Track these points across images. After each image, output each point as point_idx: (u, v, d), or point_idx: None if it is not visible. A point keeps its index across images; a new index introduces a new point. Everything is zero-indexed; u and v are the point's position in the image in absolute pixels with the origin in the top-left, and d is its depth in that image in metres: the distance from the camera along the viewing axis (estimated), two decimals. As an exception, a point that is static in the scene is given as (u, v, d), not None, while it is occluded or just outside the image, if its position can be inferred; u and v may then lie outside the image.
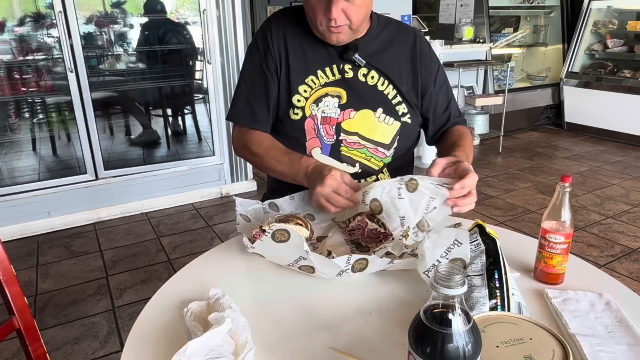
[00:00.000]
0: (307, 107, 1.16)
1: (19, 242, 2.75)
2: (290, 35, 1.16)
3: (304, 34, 1.15)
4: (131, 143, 3.59)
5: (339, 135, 1.17)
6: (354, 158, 1.18)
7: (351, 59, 1.14)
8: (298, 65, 1.15)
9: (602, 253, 2.51)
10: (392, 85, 1.17)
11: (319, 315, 0.78)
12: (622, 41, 4.75)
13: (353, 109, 1.16)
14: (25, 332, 0.96)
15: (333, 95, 1.16)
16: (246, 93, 1.19)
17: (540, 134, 5.03)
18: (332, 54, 1.15)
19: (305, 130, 1.16)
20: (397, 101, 1.18)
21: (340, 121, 1.16)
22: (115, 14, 3.15)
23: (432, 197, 0.96)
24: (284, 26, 1.17)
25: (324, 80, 1.16)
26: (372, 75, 1.16)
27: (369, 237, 0.96)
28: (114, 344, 1.87)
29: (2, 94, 2.89)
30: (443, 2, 4.61)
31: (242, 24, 3.19)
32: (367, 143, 1.18)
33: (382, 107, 1.17)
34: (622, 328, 0.71)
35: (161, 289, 0.86)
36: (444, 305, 0.51)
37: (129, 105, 3.58)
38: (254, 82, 1.18)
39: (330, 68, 1.15)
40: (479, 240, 0.82)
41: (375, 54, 1.16)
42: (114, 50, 3.27)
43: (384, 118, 1.17)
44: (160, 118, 3.79)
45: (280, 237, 0.81)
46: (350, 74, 1.15)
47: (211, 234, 2.82)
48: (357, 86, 1.16)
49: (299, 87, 1.15)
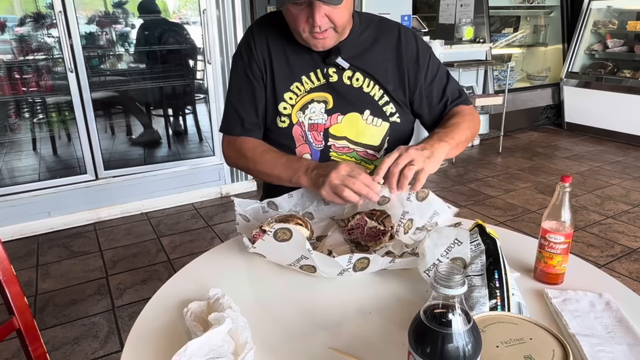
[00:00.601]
0: (294, 115, 1.15)
1: (19, 242, 2.75)
2: (273, 42, 1.15)
3: (286, 40, 1.13)
4: (131, 143, 3.59)
5: (327, 141, 1.16)
6: None
7: (334, 63, 1.12)
8: (282, 73, 1.14)
9: (602, 253, 2.51)
10: (379, 86, 1.15)
11: (319, 315, 0.78)
12: (622, 41, 4.75)
13: (340, 113, 1.15)
14: (25, 332, 0.96)
15: (319, 101, 1.15)
16: (233, 102, 1.18)
17: (540, 134, 5.03)
18: (316, 59, 1.13)
19: (293, 137, 1.16)
20: (384, 101, 1.16)
21: (327, 127, 1.15)
22: (115, 14, 3.15)
23: (437, 212, 0.97)
24: (267, 33, 1.15)
25: (309, 86, 1.14)
26: (357, 77, 1.14)
27: (369, 236, 0.96)
28: (114, 344, 1.87)
29: (2, 94, 2.89)
30: (443, 2, 4.61)
31: (242, 24, 3.19)
32: (355, 147, 1.17)
33: (369, 108, 1.15)
34: (622, 328, 0.71)
35: (161, 289, 0.86)
36: (444, 305, 0.51)
37: (128, 105, 3.58)
38: (240, 90, 1.17)
39: (315, 73, 1.14)
40: (479, 240, 0.82)
41: (359, 54, 1.14)
42: (114, 50, 3.27)
43: (372, 120, 1.16)
44: (160, 118, 3.79)
45: (282, 236, 0.81)
46: (335, 77, 1.14)
47: (211, 234, 2.82)
48: (343, 89, 1.14)
49: (284, 94, 1.14)
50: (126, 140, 3.59)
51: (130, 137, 3.61)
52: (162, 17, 3.31)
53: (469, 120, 1.16)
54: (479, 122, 1.22)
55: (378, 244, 0.95)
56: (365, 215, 0.98)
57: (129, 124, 3.63)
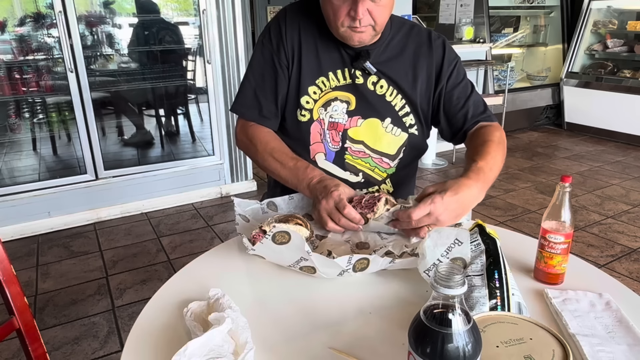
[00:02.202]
0: (315, 110, 1.13)
1: (19, 242, 2.75)
2: (305, 32, 1.11)
3: (318, 33, 1.11)
4: (132, 143, 3.59)
5: (344, 143, 1.14)
6: (357, 167, 1.16)
7: (362, 67, 1.10)
8: (310, 65, 1.11)
9: (602, 253, 2.51)
10: (402, 95, 1.13)
11: (319, 315, 0.78)
12: (622, 41, 4.75)
13: (361, 117, 1.13)
14: (25, 332, 0.96)
15: (342, 100, 1.13)
16: (254, 85, 1.14)
17: (540, 134, 5.03)
18: (345, 58, 1.11)
19: (310, 133, 1.14)
20: (404, 112, 1.14)
21: (347, 128, 1.13)
22: (115, 14, 3.15)
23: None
24: (300, 20, 1.11)
25: (335, 83, 1.12)
26: (381, 85, 1.13)
27: (366, 207, 0.95)
28: (114, 344, 1.87)
29: (2, 94, 2.89)
30: (443, 2, 4.61)
31: (242, 24, 3.19)
32: (372, 153, 1.16)
33: (390, 117, 1.14)
34: (622, 328, 0.71)
35: (161, 289, 0.86)
36: (444, 305, 0.51)
37: (128, 105, 3.58)
38: (263, 75, 1.13)
39: (342, 71, 1.12)
40: (479, 240, 0.82)
41: (387, 61, 1.12)
42: (114, 50, 3.27)
43: (392, 129, 1.14)
44: (159, 118, 3.79)
45: (280, 239, 0.81)
46: (361, 80, 1.12)
47: (211, 234, 2.82)
48: (366, 93, 1.13)
49: (308, 88, 1.12)
50: (126, 140, 3.59)
51: (130, 137, 3.61)
52: (166, 17, 3.31)
53: (501, 145, 1.06)
54: (505, 142, 1.10)
55: (374, 212, 0.94)
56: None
57: (128, 124, 3.63)
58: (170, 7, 3.31)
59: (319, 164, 1.16)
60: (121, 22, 3.20)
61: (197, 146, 3.75)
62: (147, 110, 3.75)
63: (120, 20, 3.19)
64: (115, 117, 3.52)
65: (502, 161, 1.05)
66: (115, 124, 3.54)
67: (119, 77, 3.29)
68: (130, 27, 3.25)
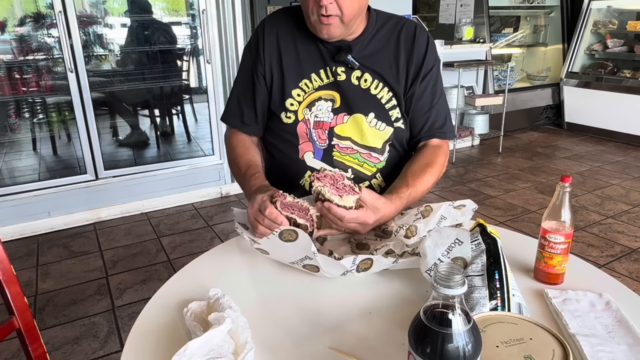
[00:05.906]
0: (300, 111, 1.15)
1: (19, 242, 2.75)
2: (284, 37, 1.15)
3: (298, 32, 1.14)
4: (131, 143, 3.59)
5: (331, 140, 1.15)
6: (346, 163, 1.17)
7: (343, 61, 1.11)
8: (291, 69, 1.14)
9: (602, 253, 2.51)
10: (388, 88, 1.14)
11: (319, 315, 0.78)
12: (622, 41, 4.75)
13: (346, 113, 1.14)
14: (25, 332, 0.96)
15: (326, 99, 1.14)
16: (237, 94, 1.21)
17: (540, 134, 5.03)
18: (326, 56, 1.13)
19: (297, 134, 1.16)
20: (390, 105, 1.15)
21: (333, 125, 1.15)
22: (115, 14, 3.15)
23: (444, 217, 0.95)
24: (278, 27, 1.15)
25: (318, 83, 1.14)
26: (365, 78, 1.13)
27: (339, 189, 0.91)
28: (114, 344, 1.87)
29: (2, 94, 2.89)
30: (443, 2, 4.61)
31: (242, 24, 3.19)
32: (360, 148, 1.16)
33: (374, 111, 1.14)
34: (622, 328, 0.71)
35: (161, 289, 0.86)
36: (444, 305, 0.51)
37: (128, 105, 3.58)
38: (245, 84, 1.19)
39: (325, 70, 1.13)
40: (479, 240, 0.82)
41: (371, 55, 1.13)
42: (114, 50, 3.27)
43: (376, 123, 1.15)
44: (158, 118, 3.79)
45: (287, 237, 0.81)
46: (343, 76, 1.13)
47: (211, 234, 2.82)
48: (350, 89, 1.13)
49: (292, 91, 1.14)
50: (127, 140, 3.59)
51: (130, 137, 3.61)
52: (165, 18, 3.31)
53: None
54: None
55: (345, 199, 0.90)
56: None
57: (128, 124, 3.63)
58: (172, 7, 3.31)
59: (308, 162, 1.17)
60: (121, 23, 3.20)
61: (196, 146, 3.76)
62: (147, 110, 3.75)
63: (121, 20, 3.19)
64: (115, 117, 3.52)
65: (434, 183, 1.13)
66: (115, 124, 3.54)
67: (119, 77, 3.29)
68: (130, 28, 3.25)
